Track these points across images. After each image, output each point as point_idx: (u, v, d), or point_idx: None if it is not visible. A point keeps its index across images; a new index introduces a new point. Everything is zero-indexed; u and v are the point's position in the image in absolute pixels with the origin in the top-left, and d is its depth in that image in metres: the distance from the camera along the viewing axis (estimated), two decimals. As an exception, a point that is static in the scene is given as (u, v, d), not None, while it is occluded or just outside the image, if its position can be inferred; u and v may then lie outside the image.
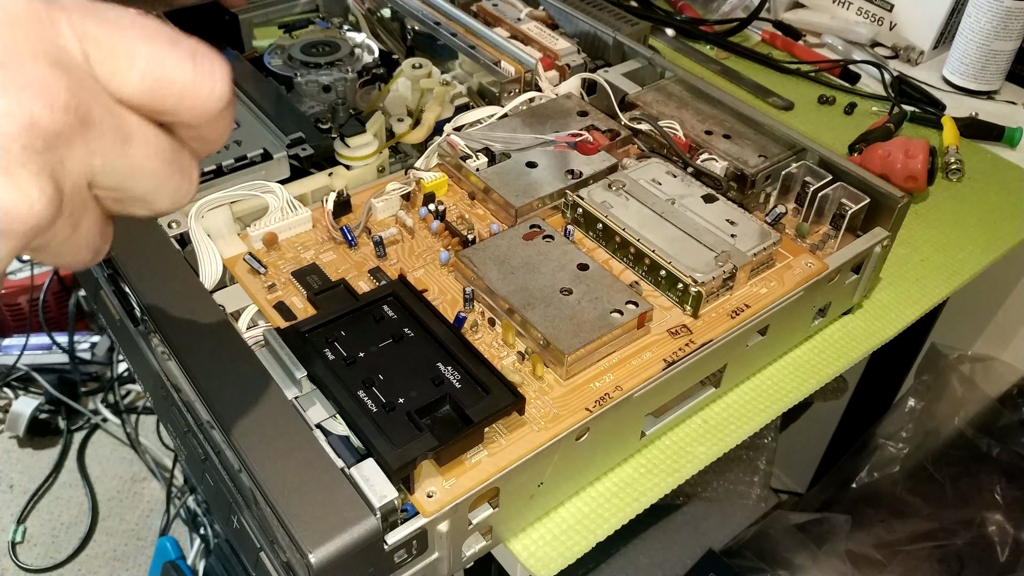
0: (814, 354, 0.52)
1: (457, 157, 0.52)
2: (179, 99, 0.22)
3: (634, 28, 0.66)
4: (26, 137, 0.19)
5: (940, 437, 0.81)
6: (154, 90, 0.21)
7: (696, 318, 0.44)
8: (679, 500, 0.89)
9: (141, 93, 0.21)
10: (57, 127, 0.19)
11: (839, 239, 0.49)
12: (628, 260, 0.47)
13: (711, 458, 0.46)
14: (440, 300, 0.45)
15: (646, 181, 0.50)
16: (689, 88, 0.58)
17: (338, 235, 0.48)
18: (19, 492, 1.23)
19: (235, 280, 0.45)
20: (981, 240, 0.61)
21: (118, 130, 0.21)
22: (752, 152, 0.53)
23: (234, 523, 0.43)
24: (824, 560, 0.76)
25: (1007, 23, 0.73)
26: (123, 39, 0.21)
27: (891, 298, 0.56)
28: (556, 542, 0.41)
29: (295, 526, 0.32)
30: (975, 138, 0.72)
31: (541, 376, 0.41)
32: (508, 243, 0.46)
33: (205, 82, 0.22)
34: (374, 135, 0.53)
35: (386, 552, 0.34)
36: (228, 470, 0.40)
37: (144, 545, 1.19)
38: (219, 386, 0.38)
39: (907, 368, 0.86)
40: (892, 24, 0.83)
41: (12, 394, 1.30)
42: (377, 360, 0.39)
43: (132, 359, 0.51)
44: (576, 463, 0.41)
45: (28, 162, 0.19)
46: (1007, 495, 0.76)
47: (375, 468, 0.35)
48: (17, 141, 0.19)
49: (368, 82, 0.61)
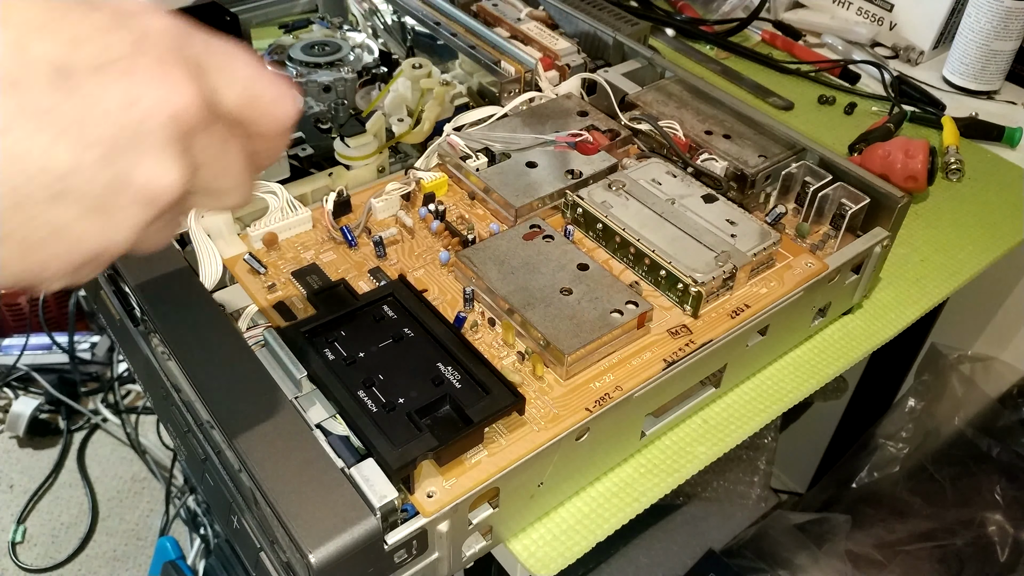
0: (814, 354, 0.52)
1: (457, 157, 0.52)
2: (263, 114, 0.26)
3: (634, 28, 0.66)
4: (174, 125, 0.23)
5: (940, 437, 0.81)
6: (247, 104, 0.26)
7: (696, 318, 0.44)
8: (679, 500, 0.89)
9: (237, 106, 0.26)
10: (195, 120, 0.23)
11: (839, 239, 0.49)
12: (628, 260, 0.47)
13: (711, 458, 0.46)
14: (440, 300, 0.45)
15: (646, 181, 0.50)
16: (689, 88, 0.58)
17: (338, 235, 0.48)
18: (19, 492, 1.23)
19: (235, 280, 0.45)
20: (981, 240, 0.61)
21: (222, 134, 0.25)
22: (752, 152, 0.53)
23: (234, 523, 0.43)
24: (824, 560, 0.76)
25: (1007, 23, 0.73)
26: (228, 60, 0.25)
27: (891, 298, 0.56)
28: (556, 542, 0.41)
29: (295, 526, 0.32)
30: (975, 138, 0.72)
31: (541, 376, 0.41)
32: (508, 243, 0.46)
33: (284, 101, 0.27)
34: (374, 135, 0.53)
35: (386, 552, 0.34)
36: (228, 470, 0.40)
37: (144, 545, 1.19)
38: (219, 386, 0.38)
39: (907, 368, 0.86)
40: (892, 24, 0.83)
41: (12, 394, 1.30)
42: (377, 360, 0.39)
43: (132, 359, 0.51)
44: (576, 463, 0.41)
45: (172, 144, 0.23)
46: (1007, 495, 0.76)
47: (375, 468, 0.35)
48: (167, 126, 0.23)
49: (368, 82, 0.61)
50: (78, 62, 0.22)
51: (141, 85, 0.22)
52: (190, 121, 0.23)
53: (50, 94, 0.21)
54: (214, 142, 0.25)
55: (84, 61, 0.22)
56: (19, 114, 0.21)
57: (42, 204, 0.22)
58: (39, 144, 0.21)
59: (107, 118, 0.22)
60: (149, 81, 0.23)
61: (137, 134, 0.22)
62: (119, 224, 0.23)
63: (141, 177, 0.23)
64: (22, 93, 0.21)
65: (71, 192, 0.22)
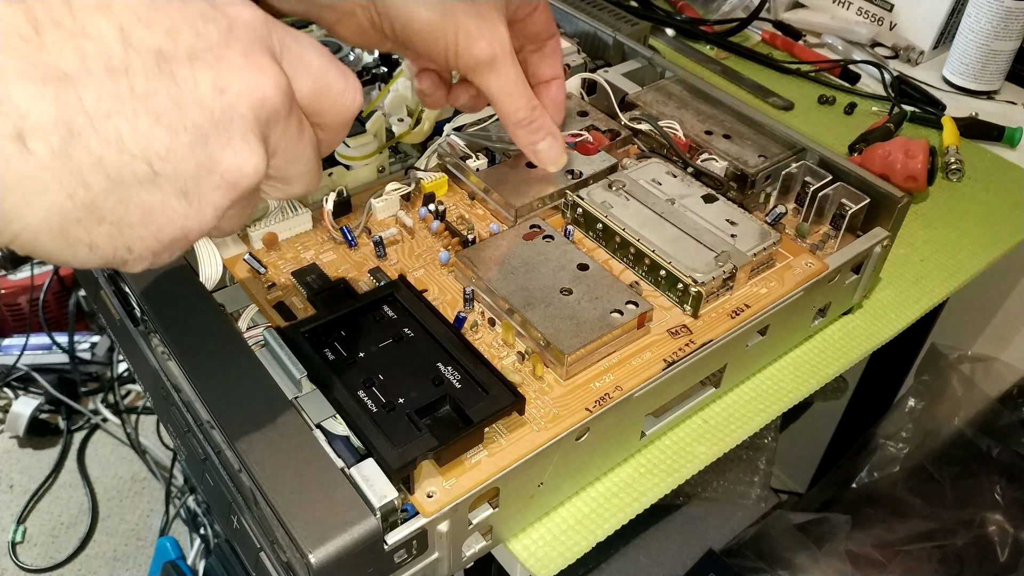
0: (814, 354, 0.52)
1: (457, 157, 0.52)
2: (332, 103, 0.28)
3: (634, 28, 0.66)
4: (259, 110, 0.24)
5: (940, 437, 0.81)
6: (318, 93, 0.27)
7: (696, 318, 0.44)
8: (679, 500, 0.89)
9: (310, 95, 0.27)
10: (278, 107, 0.25)
11: (839, 239, 0.49)
12: (628, 260, 0.47)
13: (711, 458, 0.46)
14: (440, 300, 0.45)
15: (646, 181, 0.50)
16: (689, 88, 0.58)
17: (338, 235, 0.48)
18: (19, 492, 1.23)
19: (235, 280, 0.45)
20: (981, 240, 0.61)
21: (300, 121, 0.26)
22: (752, 152, 0.53)
23: (234, 523, 0.43)
24: (824, 560, 0.76)
25: (1007, 23, 0.73)
26: (304, 51, 0.27)
27: (891, 298, 0.56)
28: (556, 542, 0.41)
29: (295, 526, 0.32)
30: (975, 138, 0.72)
31: (541, 376, 0.41)
32: (508, 243, 0.46)
33: (351, 91, 0.28)
34: (374, 135, 0.53)
35: (386, 552, 0.34)
36: (228, 470, 0.40)
37: (144, 545, 1.19)
38: (219, 386, 0.38)
39: (907, 368, 0.86)
40: (892, 24, 0.83)
41: (12, 394, 1.30)
42: (377, 360, 0.39)
43: (132, 359, 0.51)
44: (576, 463, 0.41)
45: (256, 130, 0.24)
46: (1007, 495, 0.76)
47: (375, 468, 0.35)
48: (253, 112, 0.24)
49: (368, 82, 0.61)
50: (175, 50, 0.23)
51: (231, 72, 0.24)
52: (273, 108, 0.25)
53: (150, 80, 0.22)
54: (291, 130, 0.26)
55: (180, 49, 0.23)
56: (123, 99, 0.22)
57: (136, 186, 0.23)
58: (140, 128, 0.22)
59: (200, 104, 0.23)
60: (238, 69, 0.24)
61: (225, 119, 0.24)
62: (203, 207, 0.24)
63: (226, 161, 0.24)
64: (126, 78, 0.22)
65: (163, 175, 0.23)
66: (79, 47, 0.21)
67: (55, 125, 0.21)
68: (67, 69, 0.21)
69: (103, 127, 0.22)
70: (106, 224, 0.23)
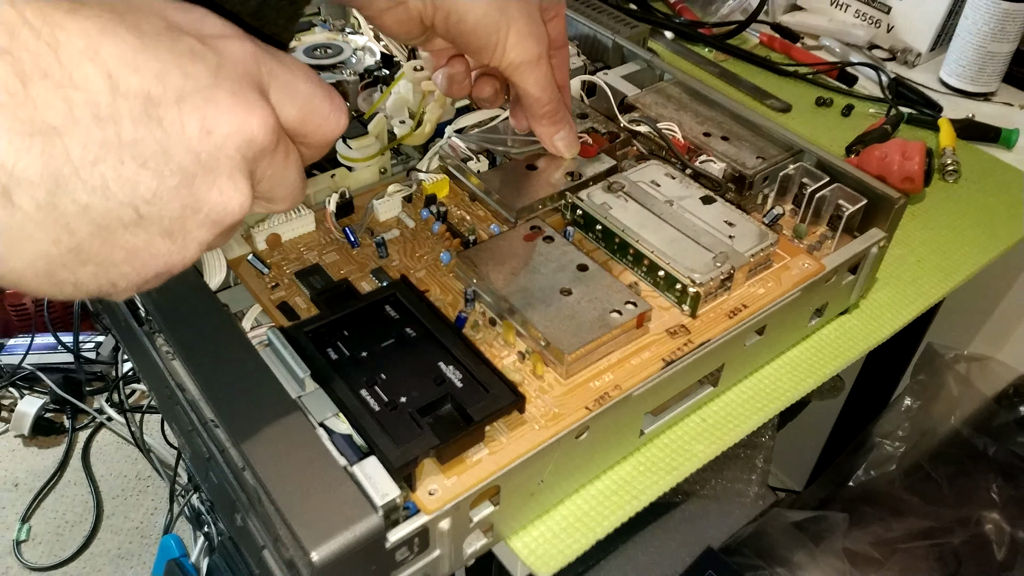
0: (811, 354, 0.52)
1: (458, 159, 0.52)
2: (317, 127, 0.28)
3: (633, 31, 0.67)
4: (246, 149, 0.24)
5: (937, 436, 0.81)
6: (304, 118, 0.27)
7: (694, 318, 0.45)
8: (678, 498, 0.89)
9: (296, 120, 0.27)
10: (265, 145, 0.25)
11: (836, 240, 0.50)
12: (627, 261, 0.47)
13: (709, 456, 0.46)
14: (441, 300, 0.45)
15: (645, 183, 0.51)
16: (688, 90, 0.59)
17: (340, 236, 0.48)
18: (24, 491, 1.24)
19: (239, 280, 0.46)
20: (977, 241, 0.61)
21: (286, 150, 0.27)
22: (750, 154, 0.53)
23: (237, 521, 0.43)
24: (822, 558, 0.77)
25: (1004, 25, 0.73)
26: (292, 77, 0.27)
27: (888, 298, 0.56)
28: (556, 540, 0.42)
29: (297, 524, 0.32)
30: (972, 140, 0.72)
31: (541, 375, 0.41)
32: (509, 244, 0.46)
33: (335, 114, 0.28)
34: (376, 137, 0.53)
35: (388, 550, 0.34)
36: (232, 468, 0.40)
37: (148, 543, 1.19)
38: (223, 385, 0.38)
39: (904, 367, 0.87)
40: (889, 26, 0.83)
41: (17, 393, 1.30)
42: (379, 359, 0.40)
43: (137, 359, 0.51)
44: (576, 461, 0.41)
45: (242, 168, 0.25)
46: (1003, 493, 0.76)
47: (377, 466, 0.35)
48: (240, 151, 0.24)
49: (370, 84, 0.62)
50: (163, 94, 0.23)
51: (219, 113, 0.24)
52: (260, 146, 0.25)
53: (138, 127, 0.22)
54: (277, 160, 0.26)
55: (169, 93, 0.23)
56: (110, 147, 0.22)
57: (121, 230, 0.23)
58: (125, 174, 0.22)
59: (187, 147, 0.23)
60: (226, 110, 0.24)
61: (212, 160, 0.24)
62: (188, 244, 0.25)
63: (212, 200, 0.24)
64: (113, 126, 0.22)
65: (148, 217, 0.23)
66: (67, 97, 0.21)
67: (41, 179, 0.21)
68: (54, 122, 0.21)
69: (89, 176, 0.22)
70: (91, 265, 0.23)
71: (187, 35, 0.24)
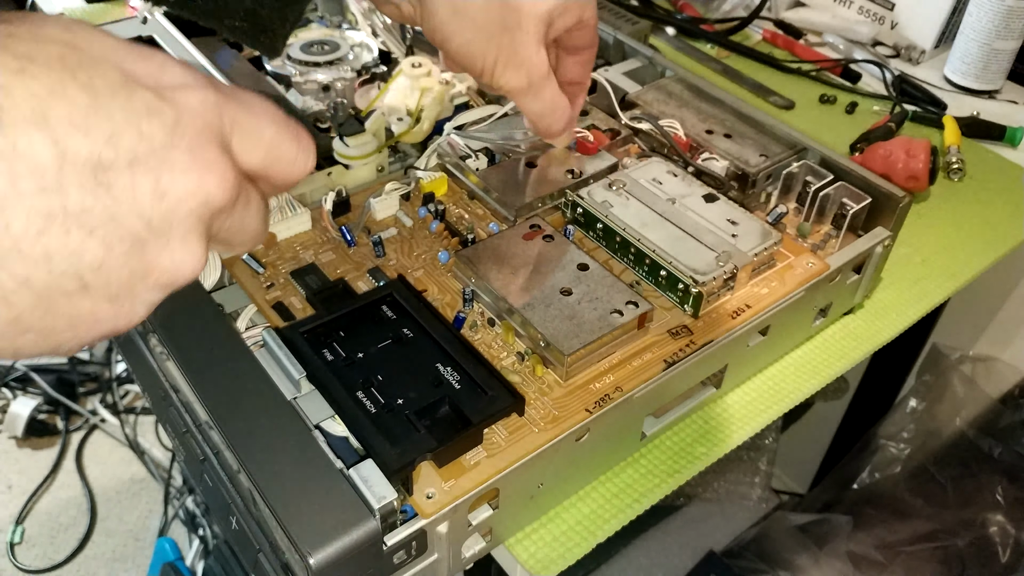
0: (815, 354, 0.51)
1: (457, 157, 0.52)
2: (281, 171, 0.27)
3: (634, 27, 0.66)
4: (202, 210, 0.23)
5: (941, 437, 0.81)
6: (270, 163, 0.26)
7: (697, 318, 0.44)
8: (680, 501, 0.89)
9: (260, 165, 0.26)
10: (224, 203, 0.24)
11: (840, 239, 0.49)
12: (628, 260, 0.47)
13: (712, 459, 0.46)
14: (439, 300, 0.44)
15: (647, 181, 0.50)
16: (690, 87, 0.58)
17: (337, 235, 0.47)
18: (17, 493, 1.23)
19: (234, 280, 0.45)
20: (982, 240, 0.61)
21: (246, 197, 0.26)
22: (753, 151, 0.52)
23: (233, 524, 0.43)
24: (825, 561, 0.76)
25: (1009, 22, 0.72)
26: (256, 122, 0.26)
27: (892, 298, 0.56)
28: (556, 543, 0.41)
29: (294, 527, 0.32)
30: (976, 137, 0.72)
31: (541, 377, 0.41)
32: (508, 243, 0.46)
33: (302, 157, 0.27)
34: (373, 135, 0.53)
35: (385, 553, 0.34)
36: (227, 471, 0.40)
37: (143, 546, 1.18)
38: (218, 387, 0.37)
39: (908, 368, 0.86)
40: (893, 23, 0.83)
41: (10, 394, 1.29)
42: (376, 361, 0.39)
43: (130, 359, 0.51)
44: (576, 464, 0.41)
45: (198, 229, 0.24)
46: (1008, 496, 0.76)
47: (374, 469, 0.34)
48: (195, 213, 0.23)
49: (367, 81, 0.61)
50: (115, 158, 0.22)
51: (174, 175, 0.23)
52: (217, 204, 0.24)
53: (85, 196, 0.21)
54: (236, 213, 0.25)
55: (120, 156, 0.22)
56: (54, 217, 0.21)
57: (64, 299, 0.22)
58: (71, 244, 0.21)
59: (138, 213, 0.22)
60: (181, 170, 0.23)
61: (164, 224, 0.23)
62: (135, 307, 0.24)
63: (163, 264, 0.23)
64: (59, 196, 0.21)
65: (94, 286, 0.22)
66: (10, 170, 0.20)
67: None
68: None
69: (31, 249, 0.21)
70: (31, 333, 0.22)
71: (144, 89, 0.23)
